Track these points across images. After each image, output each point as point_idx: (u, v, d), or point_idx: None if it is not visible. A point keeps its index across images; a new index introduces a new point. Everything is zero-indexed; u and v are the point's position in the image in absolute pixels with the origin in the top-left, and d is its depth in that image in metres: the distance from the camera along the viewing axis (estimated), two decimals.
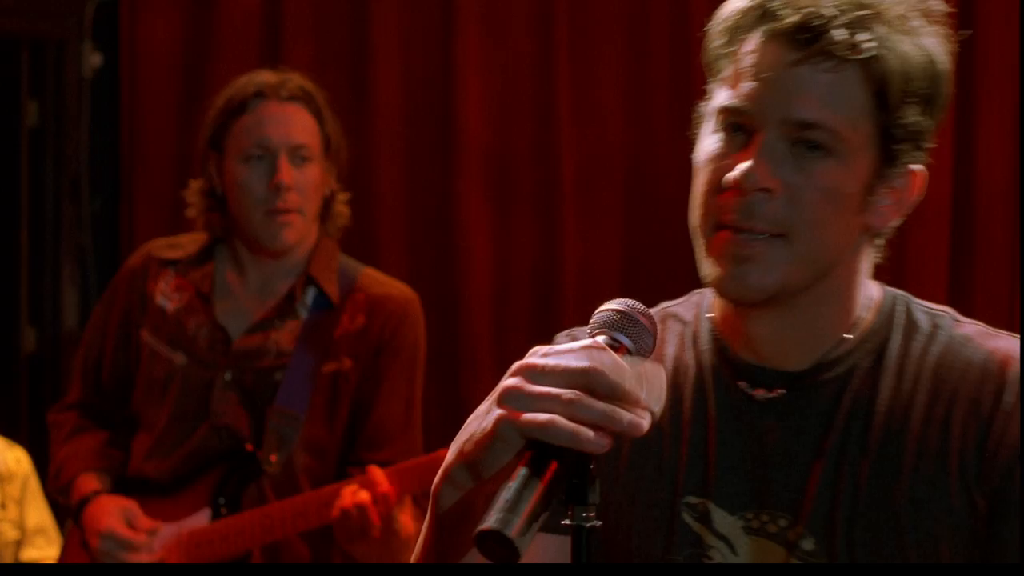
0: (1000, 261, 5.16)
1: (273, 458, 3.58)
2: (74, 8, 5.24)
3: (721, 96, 1.86)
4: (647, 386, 1.61)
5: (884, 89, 1.81)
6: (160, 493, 3.65)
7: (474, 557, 1.71)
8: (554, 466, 1.59)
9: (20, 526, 4.51)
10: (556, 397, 1.57)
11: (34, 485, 4.58)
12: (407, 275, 5.19)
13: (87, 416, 3.82)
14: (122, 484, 3.72)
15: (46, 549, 4.55)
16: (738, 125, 1.84)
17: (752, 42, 1.83)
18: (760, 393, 1.92)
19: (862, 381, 1.91)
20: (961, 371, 1.89)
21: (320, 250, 3.70)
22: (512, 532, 1.55)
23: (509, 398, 1.60)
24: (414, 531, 3.42)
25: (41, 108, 5.28)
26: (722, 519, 1.92)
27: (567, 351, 1.61)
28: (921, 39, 1.82)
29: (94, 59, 5.31)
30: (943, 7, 1.88)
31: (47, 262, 5.27)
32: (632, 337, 1.69)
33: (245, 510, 3.62)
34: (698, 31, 1.93)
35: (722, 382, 1.94)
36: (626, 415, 1.57)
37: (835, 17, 1.78)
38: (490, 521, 1.57)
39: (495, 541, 1.57)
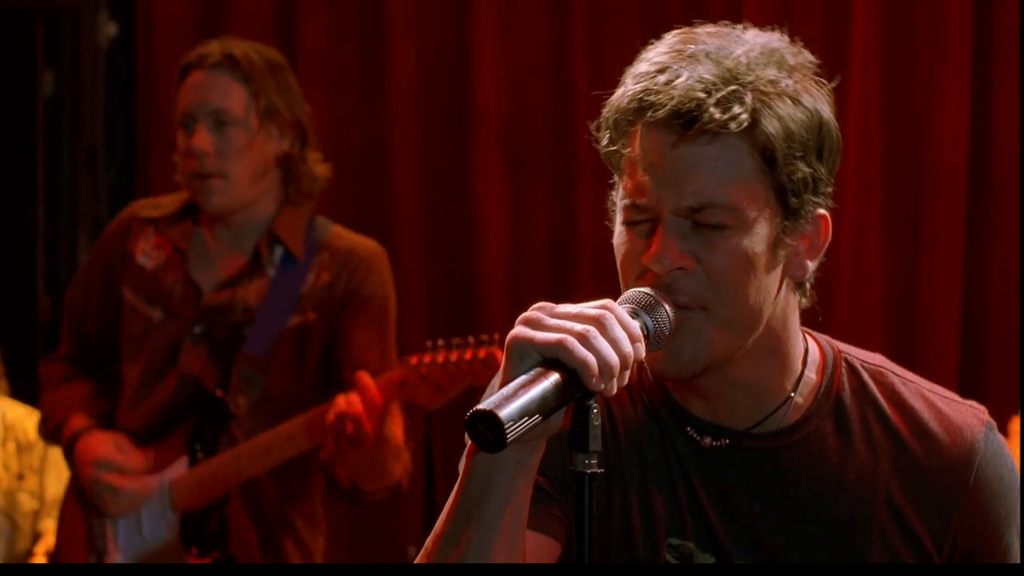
0: (1015, 233, 5.15)
1: (241, 401, 3.68)
2: None
3: (622, 193, 1.94)
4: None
5: (770, 152, 1.86)
6: (140, 445, 3.74)
7: (498, 519, 1.80)
8: (559, 377, 1.69)
9: (39, 496, 4.53)
10: (570, 328, 1.72)
11: (54, 455, 4.61)
12: (423, 249, 5.21)
13: (74, 366, 3.91)
14: None
15: None
16: (641, 219, 1.91)
17: (635, 136, 1.91)
18: (708, 441, 1.98)
19: (827, 449, 1.98)
20: (927, 449, 1.99)
21: (285, 210, 3.78)
22: (503, 414, 1.64)
23: (528, 323, 1.75)
24: (402, 441, 3.59)
25: (57, 78, 5.29)
26: (702, 558, 1.98)
27: (584, 305, 1.76)
28: (799, 96, 1.88)
29: (110, 29, 5.32)
30: (809, 59, 1.93)
31: (63, 232, 5.29)
32: (654, 319, 1.81)
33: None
34: (715, 6, 1.95)
35: (675, 427, 2.00)
36: (620, 365, 1.73)
37: (706, 97, 1.83)
38: (483, 403, 1.66)
39: (485, 425, 1.65)
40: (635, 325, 1.77)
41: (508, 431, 1.64)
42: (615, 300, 1.81)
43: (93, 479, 3.70)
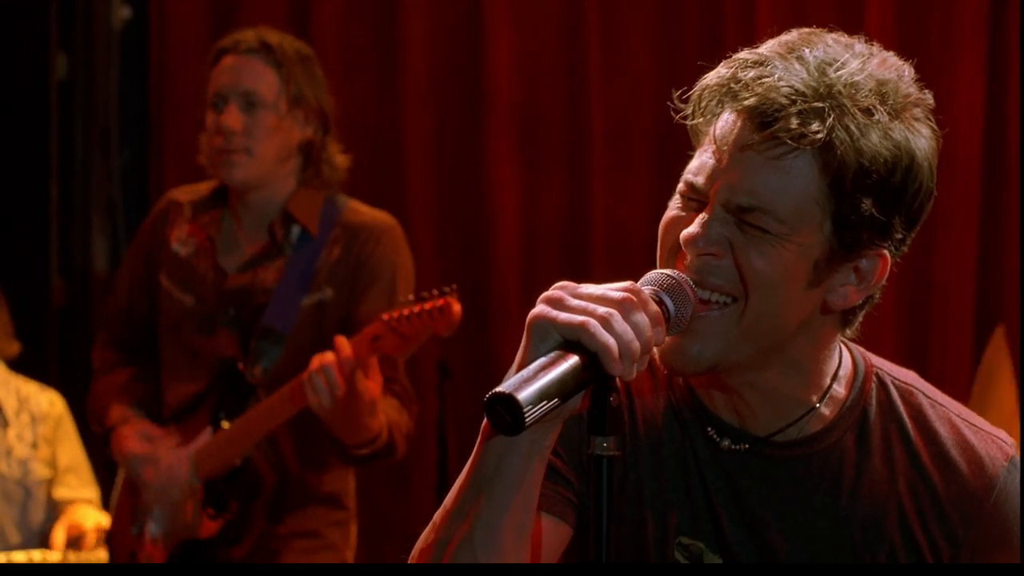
0: None
1: (257, 370, 3.80)
2: None
3: (689, 167, 1.92)
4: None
5: (838, 179, 1.82)
6: (176, 420, 3.90)
7: (509, 498, 1.79)
8: (578, 360, 1.68)
9: (52, 465, 4.59)
10: (593, 310, 1.71)
11: (67, 426, 4.68)
12: (436, 230, 5.20)
13: (121, 351, 4.03)
14: (155, 416, 3.96)
15: (78, 489, 4.63)
16: (694, 197, 1.90)
17: (716, 120, 1.88)
18: (727, 444, 1.97)
19: (845, 463, 1.97)
20: (945, 476, 1.98)
21: (300, 191, 3.88)
22: (522, 397, 1.63)
23: (550, 302, 1.74)
24: (378, 395, 3.66)
25: (70, 61, 5.29)
26: (711, 559, 1.97)
27: (608, 286, 1.75)
28: (891, 131, 1.83)
29: (123, 11, 5.32)
30: (926, 101, 1.89)
31: (77, 214, 5.29)
32: (676, 303, 1.80)
33: None
34: None
35: (696, 427, 1.99)
36: (641, 350, 1.72)
37: (789, 106, 1.80)
38: (502, 386, 1.65)
39: (504, 407, 1.64)
40: (657, 310, 1.76)
41: (527, 414, 1.64)
42: (632, 281, 1.80)
43: (128, 475, 3.90)
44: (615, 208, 5.24)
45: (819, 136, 1.80)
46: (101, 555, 4.42)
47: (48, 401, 4.68)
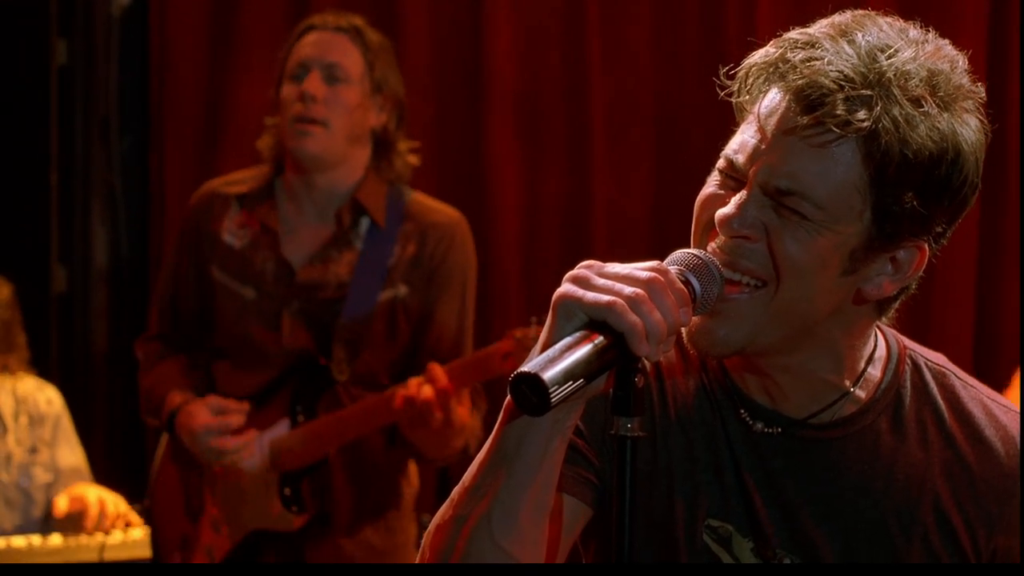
0: None
1: (344, 368, 3.81)
2: None
3: (730, 143, 1.89)
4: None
5: (881, 169, 1.79)
6: (240, 400, 3.86)
7: (529, 477, 1.78)
8: (604, 340, 1.67)
9: (52, 468, 4.54)
10: (620, 290, 1.69)
11: (66, 425, 4.62)
12: None
13: (167, 344, 4.02)
14: None
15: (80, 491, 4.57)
16: (732, 175, 1.87)
17: (761, 99, 1.86)
18: (760, 427, 1.96)
19: (880, 445, 1.96)
20: (980, 456, 1.98)
21: (367, 180, 3.87)
22: (547, 378, 1.62)
23: (576, 281, 1.72)
24: (468, 420, 3.71)
25: (70, 47, 5.28)
26: (740, 543, 1.96)
27: (634, 266, 1.73)
28: (938, 123, 1.80)
29: None
30: (977, 93, 1.86)
31: (77, 201, 5.28)
32: (702, 283, 1.78)
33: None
34: None
35: (729, 409, 1.98)
36: (667, 332, 1.70)
37: (836, 91, 1.78)
38: (527, 365, 1.64)
39: (528, 387, 1.63)
40: (684, 290, 1.75)
41: (552, 395, 1.63)
42: (659, 260, 1.78)
43: (201, 448, 3.81)
44: (615, 195, 5.24)
45: (865, 124, 1.77)
46: (137, 535, 4.36)
47: (46, 400, 4.61)
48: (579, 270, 1.74)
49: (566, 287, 1.73)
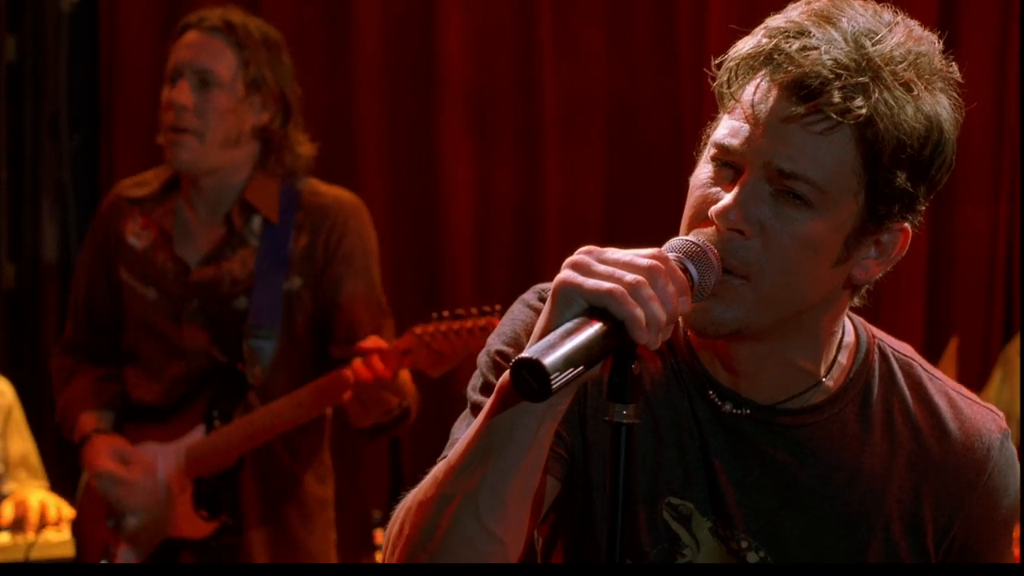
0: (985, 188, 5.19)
1: (258, 371, 3.79)
2: None
3: (719, 131, 1.89)
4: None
5: (876, 152, 1.83)
6: (160, 418, 3.87)
7: (518, 459, 1.77)
8: (603, 327, 1.67)
9: (3, 459, 4.52)
10: (620, 277, 1.69)
11: (17, 416, 4.60)
12: (389, 210, 5.20)
13: (82, 355, 4.02)
14: (127, 412, 3.95)
15: (27, 482, 4.55)
16: (728, 162, 1.88)
17: (752, 87, 1.86)
18: (728, 408, 1.97)
19: (847, 435, 1.99)
20: (944, 448, 2.00)
21: (256, 178, 3.84)
22: (548, 364, 1.62)
23: (577, 267, 1.71)
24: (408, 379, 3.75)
25: (19, 43, 5.24)
26: (699, 521, 1.98)
27: (634, 253, 1.72)
28: (923, 105, 1.84)
29: None
30: (954, 75, 1.89)
31: (26, 198, 5.25)
32: (700, 271, 1.79)
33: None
34: None
35: (696, 390, 1.99)
36: (667, 319, 1.69)
37: (833, 80, 1.80)
38: (528, 351, 1.64)
39: (529, 372, 1.63)
40: (684, 278, 1.75)
41: (553, 381, 1.62)
42: (658, 247, 1.78)
43: (98, 488, 3.87)
44: (567, 189, 5.25)
45: (863, 111, 1.80)
46: (63, 536, 4.37)
47: None
48: (579, 256, 1.73)
49: (566, 273, 1.72)
